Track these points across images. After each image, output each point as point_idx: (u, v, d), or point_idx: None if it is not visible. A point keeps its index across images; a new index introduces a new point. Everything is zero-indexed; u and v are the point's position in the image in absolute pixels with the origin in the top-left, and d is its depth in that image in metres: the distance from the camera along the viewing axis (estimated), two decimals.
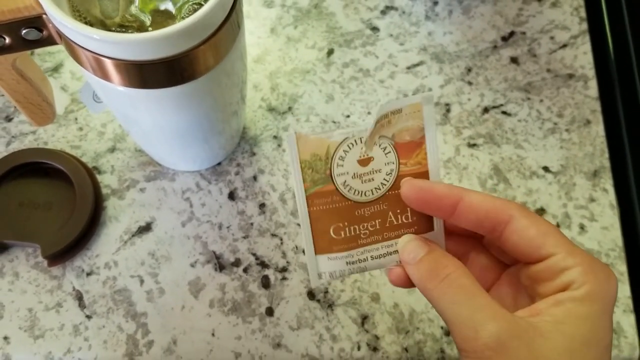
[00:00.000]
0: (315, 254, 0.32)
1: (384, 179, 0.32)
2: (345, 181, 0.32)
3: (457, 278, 0.29)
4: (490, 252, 0.33)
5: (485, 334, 0.27)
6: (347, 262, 0.33)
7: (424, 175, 0.32)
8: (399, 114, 0.31)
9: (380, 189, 0.32)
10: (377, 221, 0.32)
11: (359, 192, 0.32)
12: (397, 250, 0.32)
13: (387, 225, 0.33)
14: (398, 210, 0.32)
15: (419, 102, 0.31)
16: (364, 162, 0.32)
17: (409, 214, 0.33)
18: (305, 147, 0.31)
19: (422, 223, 0.32)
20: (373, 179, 0.32)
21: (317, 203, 0.32)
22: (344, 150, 0.31)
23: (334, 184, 0.32)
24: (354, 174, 0.32)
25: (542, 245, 0.29)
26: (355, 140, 0.31)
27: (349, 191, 0.32)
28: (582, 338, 0.27)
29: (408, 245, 0.31)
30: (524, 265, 0.30)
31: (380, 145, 0.32)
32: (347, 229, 0.32)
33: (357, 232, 0.32)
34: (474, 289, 0.28)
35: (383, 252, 0.33)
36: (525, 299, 0.31)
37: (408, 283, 0.32)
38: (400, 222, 0.33)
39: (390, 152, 0.32)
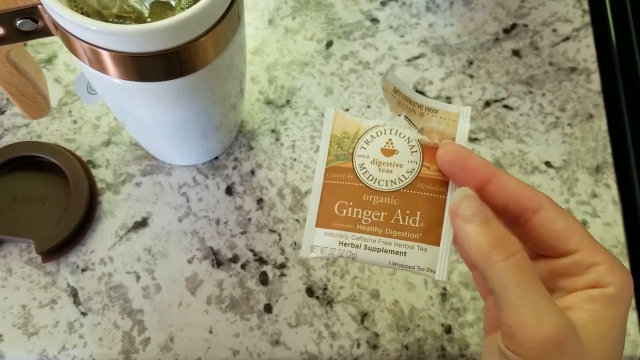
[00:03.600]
0: (315, 225, 0.32)
1: (403, 175, 0.32)
2: (364, 163, 0.32)
3: (525, 260, 0.27)
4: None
5: (551, 326, 0.26)
6: (339, 242, 0.32)
7: (443, 185, 0.32)
8: (434, 114, 0.32)
9: (396, 183, 0.32)
10: (382, 213, 0.32)
11: (373, 179, 0.32)
12: (394, 251, 0.32)
13: (392, 221, 0.32)
14: (408, 211, 0.32)
15: (456, 112, 0.32)
16: (388, 152, 0.32)
17: (417, 219, 0.32)
18: (339, 123, 0.33)
19: (429, 234, 0.31)
20: (391, 171, 0.32)
21: (332, 177, 0.32)
22: (371, 135, 0.32)
23: (352, 162, 0.32)
24: (374, 159, 0.32)
25: (568, 239, 0.29)
26: (386, 130, 0.32)
27: (364, 174, 0.32)
28: (615, 339, 0.27)
29: (468, 200, 0.29)
30: (543, 259, 0.30)
31: (409, 142, 0.32)
32: (350, 208, 0.32)
33: (359, 216, 0.32)
34: (535, 274, 0.27)
35: (378, 247, 0.32)
36: None
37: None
38: (406, 223, 0.32)
39: (416, 151, 0.32)
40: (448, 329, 0.44)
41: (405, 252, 0.32)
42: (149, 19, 0.32)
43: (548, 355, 0.26)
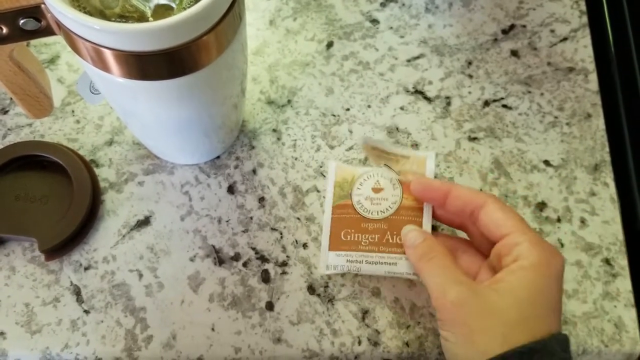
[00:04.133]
0: (328, 249, 0.43)
1: (389, 206, 0.43)
2: (359, 200, 0.44)
3: (439, 259, 0.39)
4: (473, 249, 0.42)
5: (451, 293, 0.36)
6: (347, 260, 0.43)
7: (418, 211, 0.43)
8: (407, 159, 0.45)
9: (384, 213, 0.43)
10: (376, 236, 0.43)
11: (367, 210, 0.43)
12: (387, 262, 0.42)
13: (384, 241, 0.42)
14: (395, 232, 0.43)
15: (424, 156, 0.45)
16: (377, 190, 0.44)
17: (398, 238, 0.42)
18: (339, 173, 0.45)
19: None
20: (380, 204, 0.44)
21: (337, 212, 0.44)
22: (363, 179, 0.44)
23: (351, 200, 0.44)
24: (367, 196, 0.44)
25: (503, 226, 0.38)
26: (374, 174, 0.45)
27: (360, 208, 0.44)
28: (529, 298, 0.35)
29: (410, 234, 0.41)
30: (494, 246, 0.39)
31: (391, 182, 0.44)
32: (352, 234, 0.43)
33: (359, 239, 0.43)
34: (448, 265, 0.38)
35: (375, 261, 0.42)
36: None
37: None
38: (394, 241, 0.42)
39: (397, 188, 0.44)
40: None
41: (396, 263, 0.42)
42: (151, 19, 0.32)
43: (455, 313, 0.36)
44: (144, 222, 0.46)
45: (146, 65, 0.31)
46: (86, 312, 0.44)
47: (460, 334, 0.36)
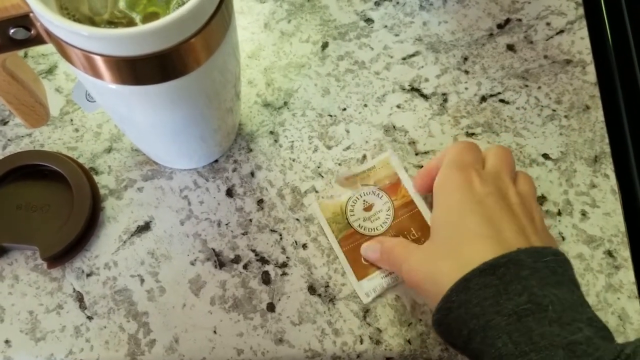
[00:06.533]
0: (358, 280, 0.45)
1: (387, 215, 0.46)
2: (360, 224, 0.46)
3: (397, 249, 0.42)
4: None
5: (404, 269, 0.40)
6: (381, 277, 0.45)
7: (411, 203, 0.47)
8: (374, 169, 0.48)
9: (387, 222, 0.46)
10: None
11: (371, 229, 0.46)
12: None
13: None
14: (405, 232, 0.46)
15: (387, 156, 0.48)
16: (368, 208, 0.47)
17: (414, 232, 0.46)
18: (325, 209, 0.47)
19: (426, 233, 0.44)
20: (379, 217, 0.46)
21: (346, 244, 0.46)
22: (351, 205, 0.47)
23: (352, 227, 0.46)
24: (364, 217, 0.46)
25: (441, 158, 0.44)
26: (357, 197, 0.47)
27: (364, 230, 0.46)
28: (441, 224, 0.40)
29: (368, 248, 0.45)
30: None
31: (374, 194, 0.47)
32: None
33: None
34: (403, 248, 0.42)
35: None
36: None
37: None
38: (412, 239, 0.46)
39: (383, 196, 0.47)
40: None
41: None
42: (140, 24, 0.33)
43: (411, 281, 0.40)
44: (144, 227, 0.47)
45: (137, 70, 0.32)
46: (89, 318, 0.44)
47: (422, 295, 0.39)
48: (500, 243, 0.36)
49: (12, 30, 0.31)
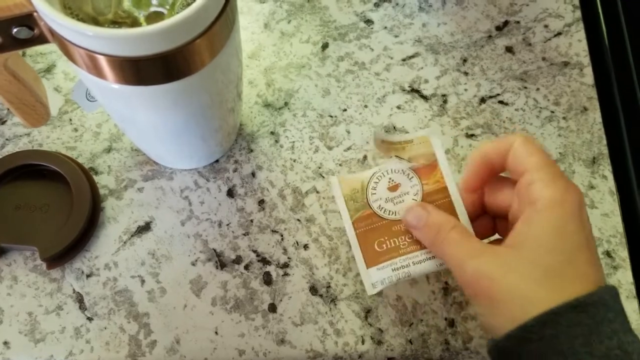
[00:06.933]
0: (367, 267, 0.39)
1: (413, 199, 0.40)
2: (380, 205, 0.40)
3: (451, 235, 0.35)
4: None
5: (468, 269, 0.33)
6: (392, 269, 0.39)
7: (444, 190, 0.40)
8: (411, 144, 0.41)
9: None
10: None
11: (392, 212, 0.40)
12: (434, 256, 0.38)
13: None
14: None
15: (427, 135, 0.41)
16: (393, 188, 0.41)
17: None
18: (345, 185, 0.41)
19: None
20: (403, 200, 0.40)
21: (360, 226, 0.40)
22: (374, 182, 0.41)
23: (371, 208, 0.40)
24: (386, 198, 0.40)
25: (521, 162, 0.34)
26: (382, 174, 0.41)
27: (384, 212, 0.40)
28: (546, 245, 0.32)
29: (412, 211, 0.38)
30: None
31: (404, 173, 0.41)
32: (387, 242, 0.39)
33: (397, 244, 0.39)
34: (460, 239, 0.35)
35: (423, 258, 0.38)
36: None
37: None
38: None
39: (413, 177, 0.41)
40: (451, 323, 0.44)
41: None
42: (144, 24, 0.32)
43: (475, 288, 0.33)
44: (145, 228, 0.47)
45: (140, 70, 0.31)
46: (89, 319, 0.44)
47: (486, 306, 0.33)
48: (589, 278, 0.32)
49: (15, 30, 0.30)
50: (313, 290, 0.45)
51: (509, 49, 0.54)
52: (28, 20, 0.31)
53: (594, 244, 0.34)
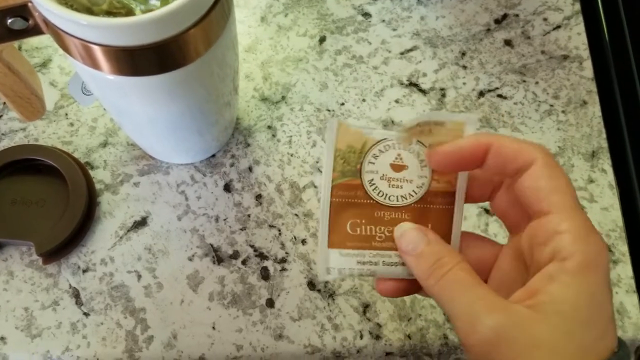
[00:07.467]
0: (328, 247, 0.32)
1: (413, 191, 0.32)
2: (373, 179, 0.32)
3: (456, 273, 0.28)
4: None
5: (483, 327, 0.26)
6: (357, 262, 0.32)
7: (451, 195, 0.32)
8: (441, 127, 0.31)
9: (406, 199, 0.32)
10: (394, 229, 0.32)
11: (383, 194, 0.32)
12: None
13: None
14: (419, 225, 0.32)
15: (463, 122, 0.31)
16: (398, 167, 0.32)
17: (426, 228, 0.32)
18: (344, 136, 0.31)
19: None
20: (402, 187, 0.32)
21: (340, 195, 0.32)
22: (379, 150, 0.32)
23: (360, 179, 0.32)
24: (383, 175, 0.32)
25: (544, 199, 0.28)
26: (394, 145, 0.32)
27: (373, 190, 0.32)
28: (581, 317, 0.26)
29: (408, 234, 0.31)
30: (528, 225, 0.29)
31: (418, 157, 0.32)
32: (363, 226, 0.32)
33: (373, 233, 0.32)
34: (471, 281, 0.28)
35: (396, 261, 0.32)
36: (523, 271, 0.30)
37: (397, 294, 0.32)
38: None
39: (426, 166, 0.32)
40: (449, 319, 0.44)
41: None
42: (138, 14, 0.32)
43: (488, 354, 0.26)
44: (141, 222, 0.46)
45: (136, 61, 0.31)
46: (86, 314, 0.44)
47: None
48: (612, 345, 0.27)
49: (9, 20, 0.30)
50: (311, 285, 0.45)
51: (507, 43, 0.54)
52: (22, 10, 0.30)
53: (613, 310, 0.28)
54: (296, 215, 0.47)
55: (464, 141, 0.30)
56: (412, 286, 0.32)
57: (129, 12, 0.32)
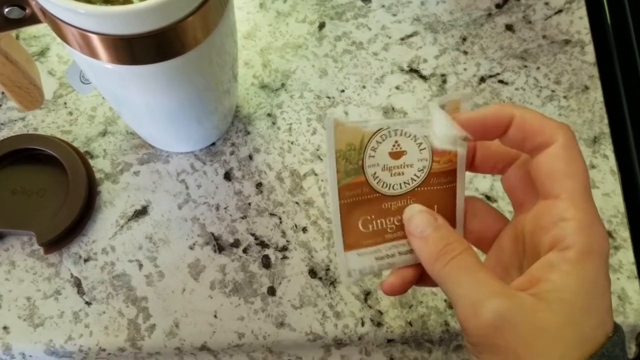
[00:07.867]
0: (345, 250, 0.32)
1: (415, 175, 0.32)
2: (375, 172, 0.31)
3: (462, 259, 0.28)
4: (483, 205, 0.33)
5: (487, 311, 0.26)
6: (375, 258, 0.32)
7: (452, 174, 0.32)
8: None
9: (409, 184, 0.32)
10: (401, 217, 0.32)
11: (387, 185, 0.32)
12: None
13: None
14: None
15: (457, 99, 0.31)
16: (396, 155, 0.31)
17: (434, 212, 0.32)
18: (342, 136, 0.30)
19: (447, 221, 0.31)
20: (403, 173, 0.32)
21: (347, 196, 0.31)
22: (376, 141, 0.31)
23: (364, 175, 0.31)
24: (384, 166, 0.31)
25: (556, 182, 0.28)
26: (390, 132, 0.31)
27: (377, 183, 0.31)
28: (582, 305, 0.26)
29: (416, 217, 0.31)
30: (533, 206, 0.29)
31: (416, 141, 0.31)
32: (374, 222, 0.32)
33: (384, 227, 0.32)
34: (478, 266, 0.28)
35: (410, 249, 0.32)
36: (520, 254, 0.30)
37: (402, 290, 0.32)
38: None
39: (425, 148, 0.31)
40: (451, 304, 0.44)
41: None
42: (136, 2, 0.32)
43: (490, 338, 0.26)
44: (142, 212, 0.46)
45: (134, 49, 0.31)
46: (88, 303, 0.44)
47: (494, 354, 0.27)
48: (608, 328, 0.28)
49: (6, 9, 0.30)
50: (312, 273, 0.45)
51: (509, 27, 0.53)
52: None
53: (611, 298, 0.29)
54: (297, 203, 0.47)
55: (488, 110, 0.29)
56: (415, 278, 0.32)
57: (127, 0, 0.32)
